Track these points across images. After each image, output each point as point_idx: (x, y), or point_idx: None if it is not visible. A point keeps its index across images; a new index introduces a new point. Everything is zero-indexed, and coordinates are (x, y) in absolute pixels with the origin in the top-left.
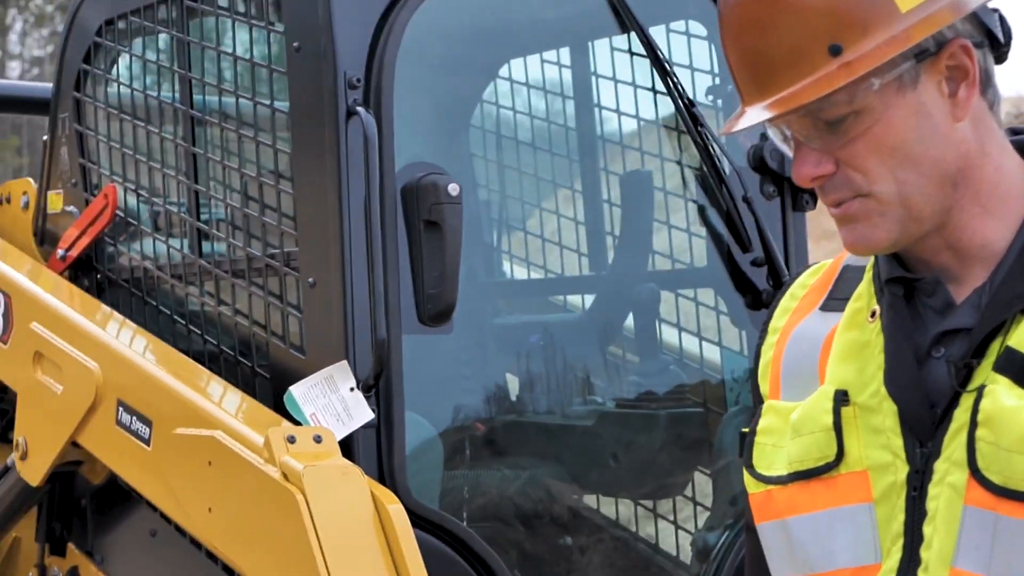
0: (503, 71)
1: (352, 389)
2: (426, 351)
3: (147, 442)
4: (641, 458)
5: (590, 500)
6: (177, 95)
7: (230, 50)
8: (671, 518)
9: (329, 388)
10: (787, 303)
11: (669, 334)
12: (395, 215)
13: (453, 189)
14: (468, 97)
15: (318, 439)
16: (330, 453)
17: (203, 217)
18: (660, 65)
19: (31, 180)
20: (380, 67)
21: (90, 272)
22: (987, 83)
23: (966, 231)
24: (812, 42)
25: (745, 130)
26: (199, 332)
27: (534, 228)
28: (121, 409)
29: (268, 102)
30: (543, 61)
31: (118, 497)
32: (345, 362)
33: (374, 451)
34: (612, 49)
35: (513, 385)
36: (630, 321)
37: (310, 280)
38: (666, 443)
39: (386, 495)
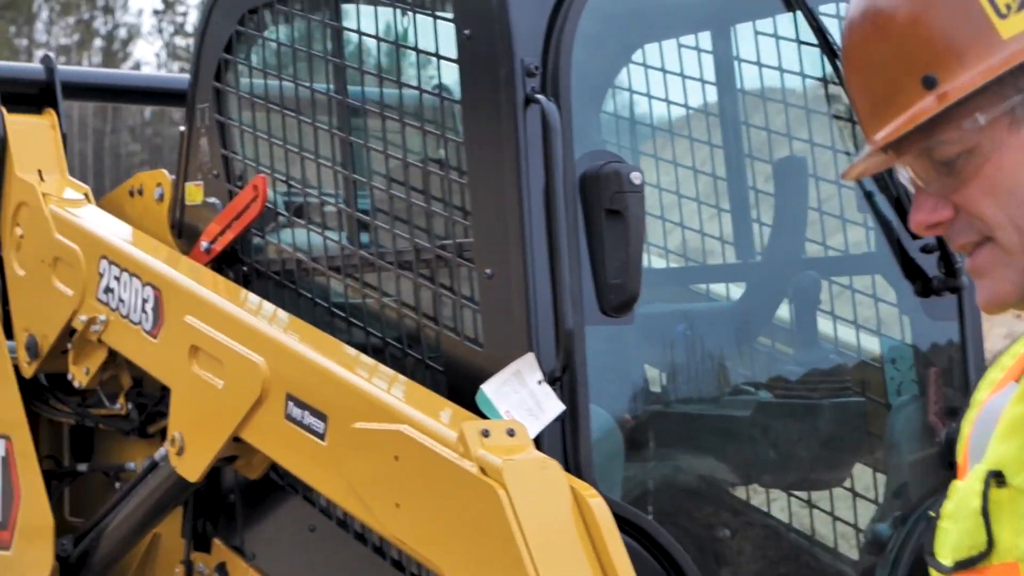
0: (637, 55)
1: (540, 382)
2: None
3: (322, 437)
4: (806, 449)
5: (758, 493)
6: (329, 84)
7: (386, 37)
8: (836, 511)
9: (519, 383)
10: (993, 374)
11: (828, 322)
12: (574, 204)
13: (636, 177)
14: (610, 80)
15: (511, 433)
16: (524, 447)
17: (360, 207)
18: (829, 48)
19: (165, 172)
20: (557, 53)
21: (235, 264)
22: None
23: None
24: (906, 75)
25: (859, 174)
26: (360, 325)
27: (686, 216)
28: (291, 403)
29: (433, 90)
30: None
31: (272, 492)
32: (532, 355)
33: (559, 444)
34: (756, 33)
35: (675, 375)
36: (786, 308)
37: (487, 272)
38: (833, 433)
39: (585, 488)
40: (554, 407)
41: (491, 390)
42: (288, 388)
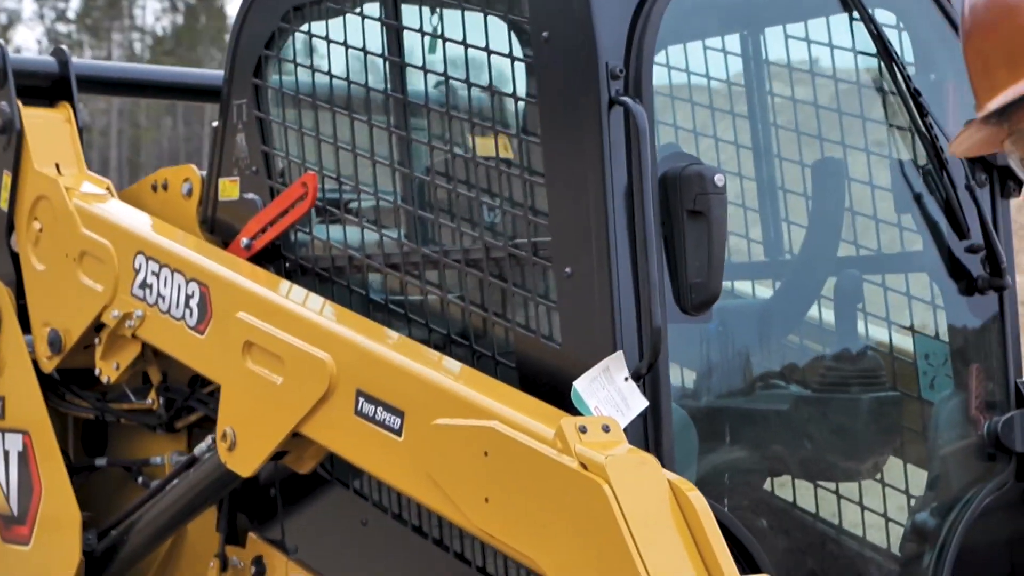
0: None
1: (626, 379)
2: None
3: (398, 432)
4: (845, 441)
5: (813, 487)
6: (386, 82)
7: (447, 37)
8: (874, 504)
9: (607, 380)
10: None
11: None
12: (655, 205)
13: (719, 180)
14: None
15: (606, 429)
16: (619, 442)
17: (415, 205)
18: (887, 51)
19: (193, 167)
20: (639, 55)
21: (276, 260)
22: None
23: None
24: (1005, 60)
25: (964, 151)
26: (422, 321)
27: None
28: (362, 400)
29: (508, 91)
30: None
31: (318, 486)
32: (621, 353)
33: (641, 439)
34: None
35: (739, 369)
36: (826, 305)
37: (567, 270)
38: (869, 426)
39: (683, 483)
40: (639, 403)
41: (583, 386)
42: (359, 384)
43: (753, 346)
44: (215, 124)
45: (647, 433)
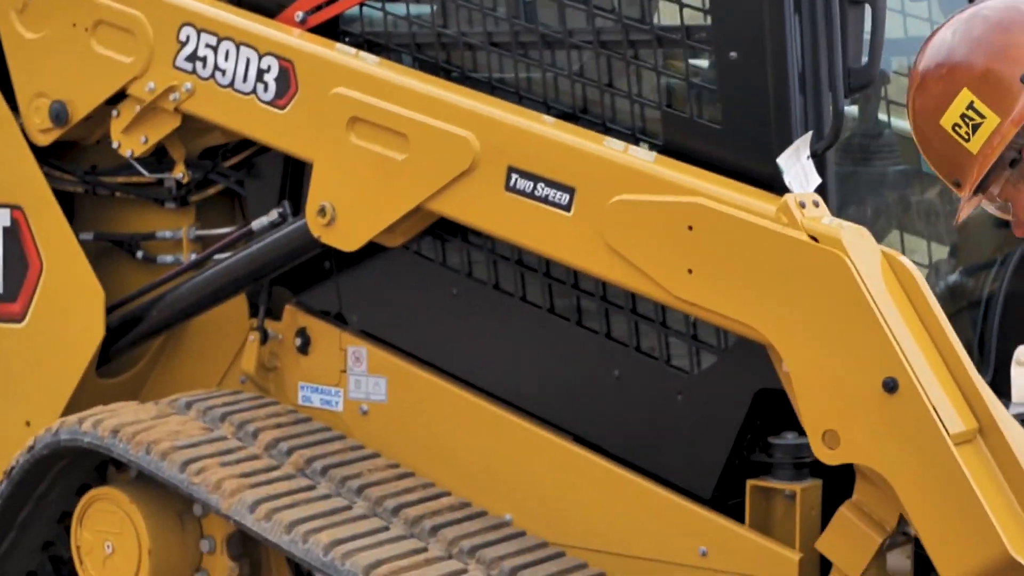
0: None
1: (808, 157)
2: None
3: (566, 208)
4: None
5: None
6: None
7: None
8: None
9: (796, 157)
10: None
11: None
12: None
13: None
14: None
15: (816, 204)
16: (828, 215)
17: None
18: None
19: None
20: None
21: (335, 36)
22: None
23: None
24: (943, 173)
25: (962, 217)
26: (540, 100)
27: None
28: (515, 176)
29: None
30: None
31: (379, 257)
32: (810, 133)
33: None
34: None
35: None
36: None
37: (732, 55)
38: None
39: (892, 250)
40: (816, 179)
41: (784, 162)
42: (511, 161)
43: None
44: None
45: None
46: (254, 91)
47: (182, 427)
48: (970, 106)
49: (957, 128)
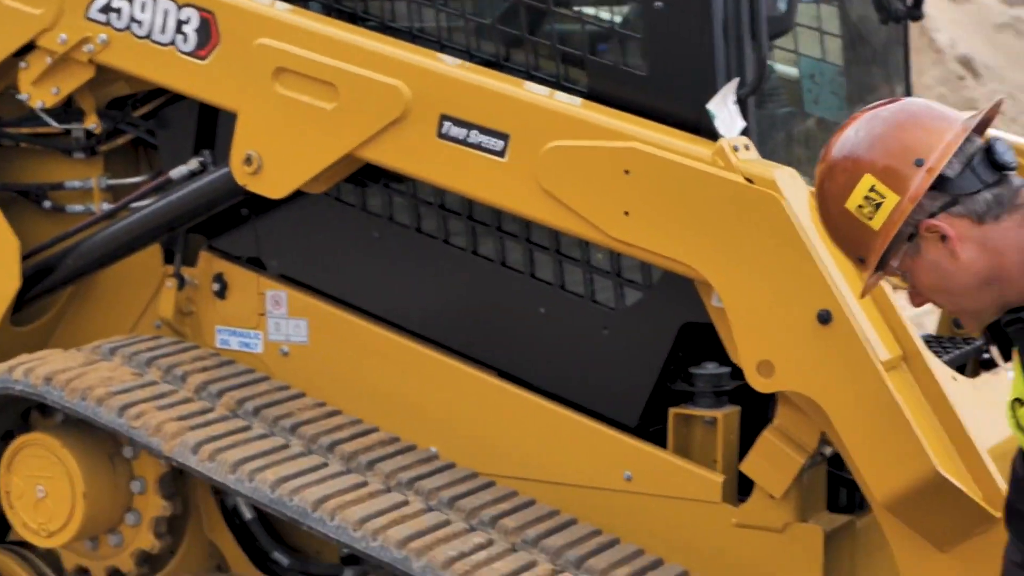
0: None
1: (734, 102)
2: None
3: (500, 154)
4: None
5: None
6: None
7: None
8: None
9: (724, 102)
10: None
11: None
12: None
13: None
14: None
15: (747, 147)
16: (758, 158)
17: None
18: None
19: None
20: None
21: None
22: (982, 215)
23: (1014, 294)
24: (848, 253)
25: (866, 294)
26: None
27: None
28: (448, 124)
29: None
30: None
31: (307, 205)
32: (737, 79)
33: None
34: None
35: None
36: None
37: (657, 4)
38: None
39: None
40: (741, 123)
41: (713, 107)
42: (442, 109)
43: None
44: None
45: None
46: (173, 42)
47: (113, 373)
48: (872, 188)
49: (861, 208)
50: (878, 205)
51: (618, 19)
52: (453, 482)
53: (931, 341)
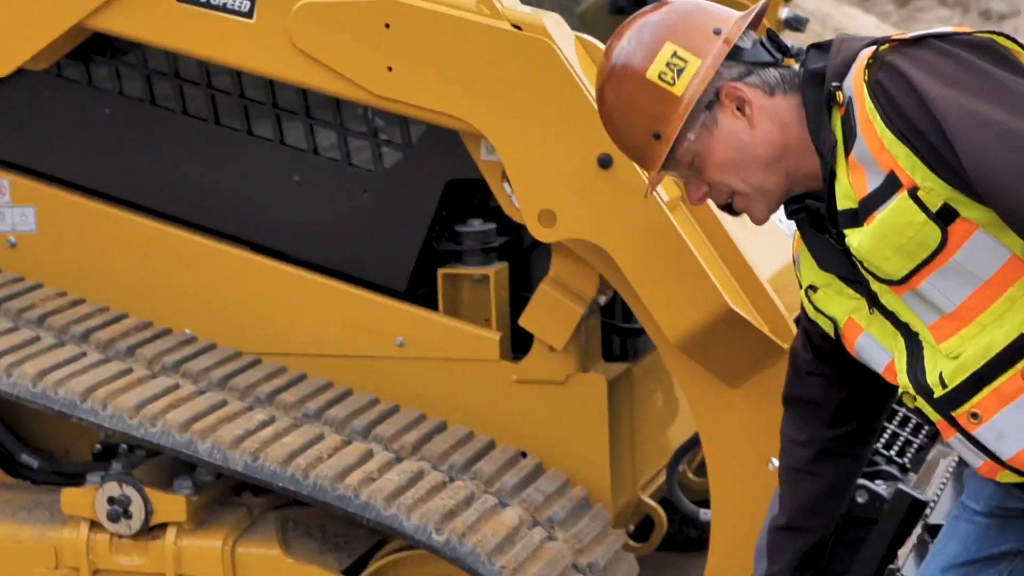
0: None
1: None
2: None
3: (248, 15)
4: None
5: None
6: None
7: None
8: None
9: None
10: None
11: None
12: None
13: None
14: None
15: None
16: (524, 5)
17: None
18: None
19: None
20: None
21: None
22: (772, 87)
23: (803, 172)
24: (643, 136)
25: (651, 190)
26: None
27: None
28: None
29: None
30: None
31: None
32: None
33: None
34: None
35: None
36: None
37: None
38: None
39: (583, 35)
40: None
41: None
42: None
43: None
44: None
45: None
46: None
47: None
48: (674, 54)
49: (663, 76)
50: (680, 71)
51: None
52: (220, 362)
53: None
